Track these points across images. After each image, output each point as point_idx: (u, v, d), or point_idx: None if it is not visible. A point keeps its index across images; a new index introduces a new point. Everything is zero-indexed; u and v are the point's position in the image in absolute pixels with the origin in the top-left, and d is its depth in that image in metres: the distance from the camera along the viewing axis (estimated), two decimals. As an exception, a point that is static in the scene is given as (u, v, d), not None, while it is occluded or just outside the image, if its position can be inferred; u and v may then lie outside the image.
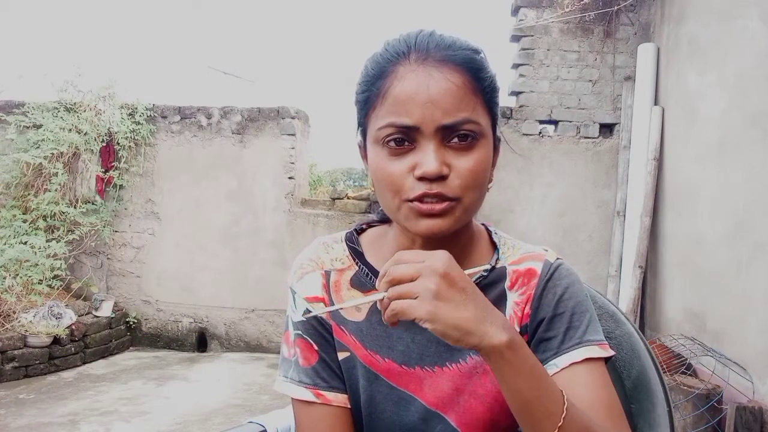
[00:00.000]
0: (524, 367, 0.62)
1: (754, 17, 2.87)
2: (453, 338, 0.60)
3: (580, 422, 0.64)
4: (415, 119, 0.68)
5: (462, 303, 0.61)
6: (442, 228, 0.70)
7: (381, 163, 0.71)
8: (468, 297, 0.61)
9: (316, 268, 0.84)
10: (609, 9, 4.24)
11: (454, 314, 0.60)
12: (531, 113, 4.38)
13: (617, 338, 0.97)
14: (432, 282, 0.60)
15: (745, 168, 2.88)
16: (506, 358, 0.61)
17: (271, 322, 4.73)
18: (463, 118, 0.68)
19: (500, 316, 0.63)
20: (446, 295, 0.60)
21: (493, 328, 0.61)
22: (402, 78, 0.69)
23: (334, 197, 4.75)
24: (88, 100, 4.65)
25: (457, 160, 0.69)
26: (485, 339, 0.60)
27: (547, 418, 0.62)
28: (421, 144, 0.69)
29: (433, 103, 0.67)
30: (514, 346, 0.62)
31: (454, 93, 0.68)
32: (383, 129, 0.70)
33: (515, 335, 0.63)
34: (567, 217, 4.40)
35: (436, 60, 0.69)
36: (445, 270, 0.61)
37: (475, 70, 0.70)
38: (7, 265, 4.01)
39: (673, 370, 2.95)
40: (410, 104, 0.68)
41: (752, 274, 2.76)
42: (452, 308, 0.60)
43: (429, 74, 0.68)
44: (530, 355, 0.64)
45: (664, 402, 0.88)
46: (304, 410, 0.80)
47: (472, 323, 0.60)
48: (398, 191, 0.70)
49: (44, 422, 3.10)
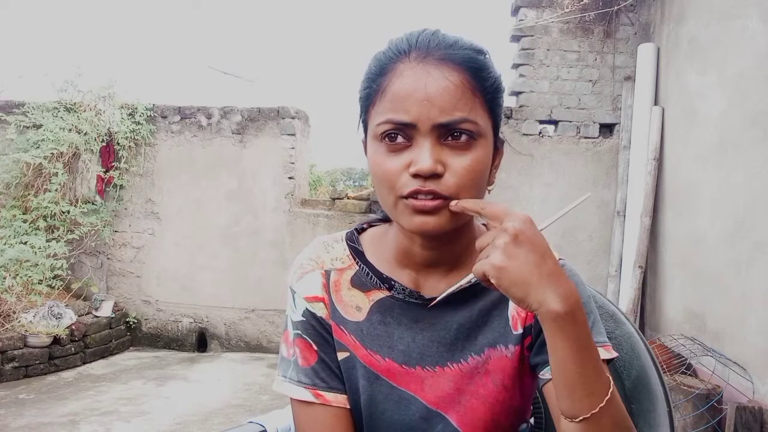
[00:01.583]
0: (576, 342, 0.62)
1: (754, 17, 2.87)
2: (516, 297, 0.62)
3: (619, 412, 0.65)
4: (411, 116, 0.68)
5: (528, 263, 0.62)
6: (434, 226, 0.70)
7: (378, 159, 0.72)
8: (538, 259, 0.62)
9: (316, 267, 0.84)
10: (609, 9, 4.24)
11: (518, 272, 0.61)
12: (531, 113, 4.38)
13: (617, 338, 0.97)
14: (502, 239, 0.62)
15: (745, 168, 2.88)
16: (561, 327, 0.62)
17: (271, 322, 4.73)
18: (459, 117, 0.68)
19: (566, 285, 0.63)
20: (513, 252, 0.61)
21: (554, 296, 0.61)
22: (401, 75, 0.69)
23: (334, 197, 4.75)
24: (88, 100, 4.65)
25: (453, 159, 0.69)
26: (544, 304, 0.61)
27: (587, 397, 0.63)
28: (418, 141, 0.69)
29: (429, 101, 0.67)
30: (572, 318, 0.62)
31: (452, 92, 0.68)
32: (381, 125, 0.70)
33: (576, 307, 0.63)
34: (567, 217, 4.40)
35: (436, 58, 0.69)
36: (519, 229, 0.62)
37: (476, 69, 0.70)
38: (7, 265, 4.01)
39: (673, 370, 2.95)
40: (408, 101, 0.68)
41: (752, 274, 2.76)
42: (517, 266, 0.61)
43: (428, 72, 0.68)
44: (586, 333, 0.64)
45: (664, 402, 0.88)
46: (303, 410, 0.80)
47: (534, 285, 0.61)
48: (393, 187, 0.71)
49: (44, 422, 3.10)
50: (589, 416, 0.63)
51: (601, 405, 0.63)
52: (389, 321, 0.81)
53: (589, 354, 0.64)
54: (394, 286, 0.81)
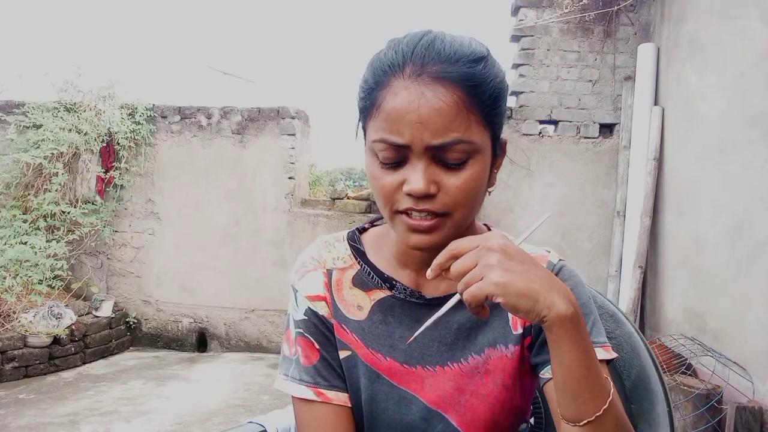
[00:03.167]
0: (581, 343, 0.62)
1: (754, 17, 2.87)
2: (523, 309, 0.60)
3: (620, 413, 0.65)
4: (405, 138, 0.67)
5: (526, 273, 0.61)
6: (430, 244, 0.71)
7: (375, 173, 0.72)
8: (530, 268, 0.62)
9: (318, 266, 0.85)
10: (609, 9, 4.24)
11: (521, 283, 0.60)
12: (531, 113, 4.39)
13: (617, 338, 0.97)
14: (492, 258, 0.61)
15: (745, 168, 2.88)
16: (568, 330, 0.61)
17: (271, 322, 4.73)
18: (453, 139, 0.67)
19: (565, 288, 0.63)
20: (509, 266, 0.61)
21: (560, 299, 0.61)
22: (395, 94, 0.68)
23: (334, 197, 4.75)
24: (88, 100, 4.65)
25: (447, 178, 0.69)
26: (553, 309, 0.60)
27: (591, 400, 0.63)
28: (412, 161, 0.69)
29: (422, 124, 0.66)
30: (577, 320, 0.62)
31: (446, 113, 0.66)
32: (376, 143, 0.70)
33: (578, 308, 0.63)
34: (567, 217, 4.40)
35: (431, 77, 0.67)
36: (502, 246, 0.62)
37: (472, 86, 0.68)
38: (7, 265, 4.01)
39: (673, 370, 2.95)
40: (401, 123, 0.67)
41: (752, 274, 2.76)
42: (517, 278, 0.60)
43: (421, 93, 0.67)
44: (587, 332, 0.64)
45: (664, 402, 0.89)
46: (305, 409, 0.80)
47: (540, 292, 0.60)
48: (389, 202, 0.71)
49: (44, 422, 3.10)
50: (594, 419, 0.63)
51: (605, 407, 0.63)
52: (390, 320, 0.81)
53: (592, 354, 0.64)
54: (395, 285, 0.81)
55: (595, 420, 0.63)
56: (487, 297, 0.60)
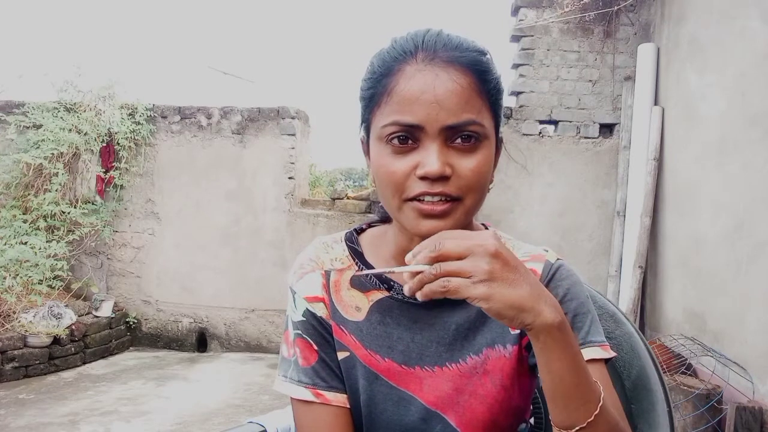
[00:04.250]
0: (569, 351, 0.62)
1: (754, 17, 2.87)
2: (508, 317, 0.59)
3: (611, 416, 0.65)
4: (419, 118, 0.68)
5: (516, 282, 0.59)
6: (443, 230, 0.70)
7: (383, 161, 0.71)
8: (521, 275, 0.60)
9: (316, 268, 0.84)
10: (609, 9, 4.24)
11: (509, 293, 0.58)
12: (531, 113, 4.38)
13: (617, 338, 0.97)
14: (485, 262, 0.59)
15: (745, 168, 2.88)
16: (556, 338, 0.61)
17: (271, 322, 4.73)
18: (467, 120, 0.68)
19: (551, 297, 0.63)
20: (500, 274, 0.59)
21: (547, 307, 0.60)
22: (409, 77, 0.69)
23: (334, 197, 4.75)
24: (88, 100, 4.65)
25: (460, 161, 0.69)
26: (539, 317, 0.60)
27: (583, 406, 0.62)
28: (425, 143, 0.69)
29: (438, 104, 0.67)
30: (564, 328, 0.61)
31: (460, 94, 0.68)
32: (387, 127, 0.70)
33: (564, 317, 0.62)
34: (567, 217, 4.40)
35: (444, 60, 0.69)
36: (497, 249, 0.59)
37: (482, 72, 0.70)
38: (7, 266, 4.01)
39: (673, 370, 2.95)
40: (416, 104, 0.68)
41: (752, 274, 2.76)
42: (506, 287, 0.59)
43: (436, 74, 0.68)
44: (575, 341, 0.63)
45: (664, 402, 0.88)
46: (304, 410, 0.80)
47: (527, 301, 0.59)
48: (399, 190, 0.71)
49: (44, 422, 3.10)
50: (586, 425, 0.62)
51: (596, 412, 0.62)
52: (388, 321, 0.81)
53: (581, 361, 0.63)
54: (393, 286, 0.81)
55: (587, 426, 0.62)
56: (467, 298, 0.58)
